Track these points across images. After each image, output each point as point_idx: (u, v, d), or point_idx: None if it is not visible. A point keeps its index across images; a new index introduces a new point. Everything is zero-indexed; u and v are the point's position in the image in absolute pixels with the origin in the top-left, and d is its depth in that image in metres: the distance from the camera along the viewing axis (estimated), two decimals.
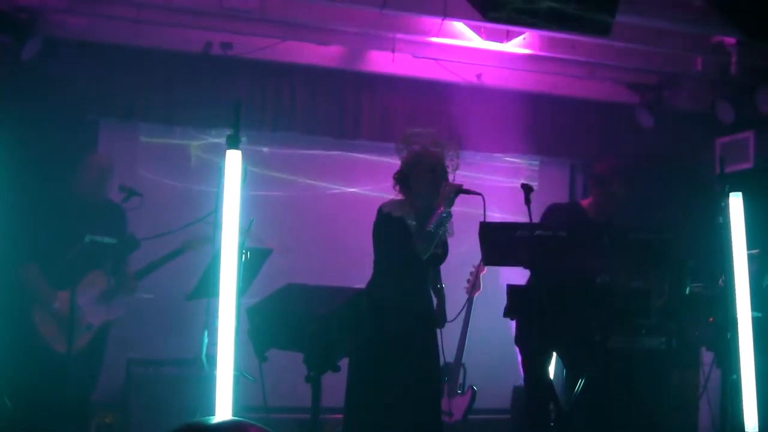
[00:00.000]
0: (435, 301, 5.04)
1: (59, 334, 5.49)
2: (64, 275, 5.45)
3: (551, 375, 5.41)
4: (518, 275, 5.05)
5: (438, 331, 4.96)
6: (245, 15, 6.34)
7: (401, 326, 4.75)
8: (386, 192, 5.09)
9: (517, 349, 5.18)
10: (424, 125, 5.18)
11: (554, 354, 5.37)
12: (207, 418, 1.75)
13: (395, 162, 5.08)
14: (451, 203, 4.73)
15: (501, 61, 7.30)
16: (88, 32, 6.65)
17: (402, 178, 4.95)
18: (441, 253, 4.94)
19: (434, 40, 6.84)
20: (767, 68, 7.16)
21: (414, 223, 4.79)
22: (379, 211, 4.91)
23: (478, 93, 7.67)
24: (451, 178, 4.90)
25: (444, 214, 4.70)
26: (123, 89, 6.81)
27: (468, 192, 4.73)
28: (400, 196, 4.95)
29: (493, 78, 7.59)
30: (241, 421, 1.74)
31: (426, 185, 4.83)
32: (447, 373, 6.23)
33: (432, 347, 4.90)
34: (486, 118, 7.71)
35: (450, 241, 5.02)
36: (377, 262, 4.95)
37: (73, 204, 5.72)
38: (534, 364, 5.06)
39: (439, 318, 5.03)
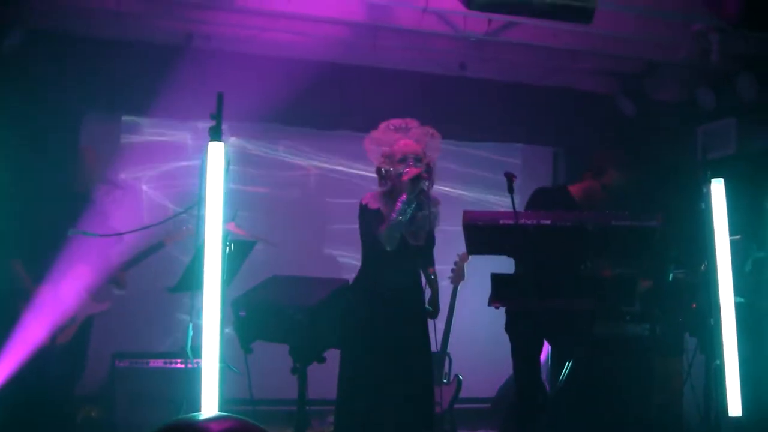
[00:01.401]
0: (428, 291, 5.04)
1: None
2: (47, 269, 5.43)
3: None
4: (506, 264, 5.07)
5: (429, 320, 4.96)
6: (225, 5, 6.31)
7: (389, 316, 4.75)
8: (372, 183, 5.08)
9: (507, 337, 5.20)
10: (406, 116, 5.17)
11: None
12: (194, 414, 1.74)
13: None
14: (413, 190, 4.71)
15: (483, 50, 7.30)
16: (69, 24, 6.60)
17: (379, 170, 4.96)
18: (423, 243, 4.92)
19: (416, 29, 6.83)
20: (748, 55, 7.18)
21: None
22: (360, 203, 4.92)
23: (460, 82, 7.68)
24: (430, 163, 4.89)
25: (407, 202, 4.69)
26: (104, 81, 6.77)
27: (423, 177, 4.73)
28: (382, 188, 4.97)
29: (476, 67, 7.59)
30: (229, 416, 1.73)
31: (398, 176, 4.83)
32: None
33: (422, 337, 4.90)
34: (469, 107, 7.73)
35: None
36: (363, 254, 4.95)
37: (56, 197, 5.70)
38: (524, 352, 5.08)
39: (430, 309, 5.05)
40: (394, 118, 5.07)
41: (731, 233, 4.82)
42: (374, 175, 4.99)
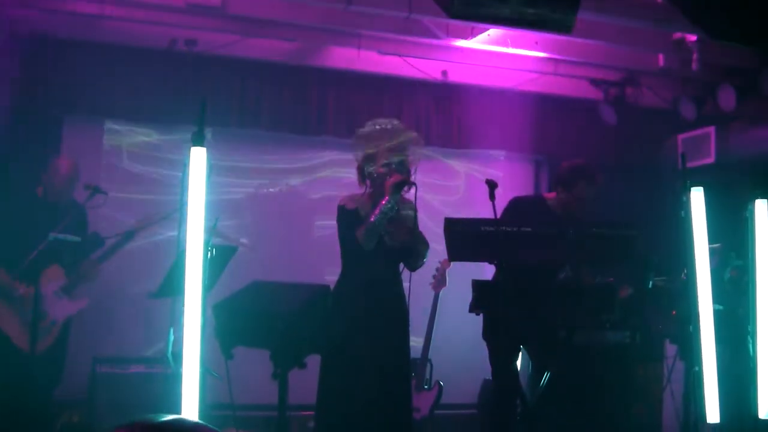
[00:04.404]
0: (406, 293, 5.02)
1: (23, 332, 5.45)
2: (27, 273, 5.40)
3: (518, 369, 5.44)
4: (487, 270, 5.07)
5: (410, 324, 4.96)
6: (209, 11, 6.31)
7: (368, 322, 4.75)
8: (352, 188, 5.07)
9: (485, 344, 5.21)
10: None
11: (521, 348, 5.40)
12: (156, 415, 1.75)
13: None
14: (395, 194, 4.71)
15: (466, 57, 7.34)
16: (51, 27, 6.58)
17: (361, 170, 4.94)
18: (399, 245, 4.89)
19: (399, 36, 6.86)
20: (728, 65, 7.25)
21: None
22: (338, 205, 4.91)
23: (443, 89, 7.71)
24: (412, 168, 4.89)
25: (388, 206, 4.68)
26: (87, 85, 6.74)
27: (408, 183, 4.73)
28: (361, 190, 4.96)
29: (458, 75, 7.63)
30: (187, 420, 1.74)
31: (380, 178, 4.82)
32: (413, 369, 6.25)
33: (402, 342, 4.89)
34: (451, 114, 7.76)
35: None
36: (342, 257, 4.94)
37: (36, 202, 5.67)
38: (501, 359, 5.09)
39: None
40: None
41: (711, 241, 4.85)
42: (356, 180, 4.98)
